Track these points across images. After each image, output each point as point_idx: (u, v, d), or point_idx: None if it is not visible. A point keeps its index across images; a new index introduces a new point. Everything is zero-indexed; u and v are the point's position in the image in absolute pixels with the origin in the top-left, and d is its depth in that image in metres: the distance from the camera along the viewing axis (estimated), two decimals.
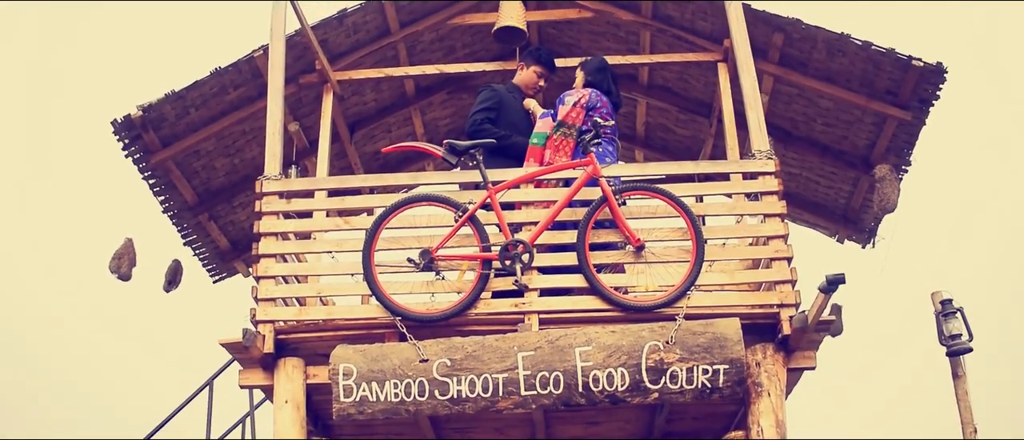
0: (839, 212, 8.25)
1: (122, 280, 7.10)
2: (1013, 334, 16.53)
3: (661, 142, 8.76)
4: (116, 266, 7.07)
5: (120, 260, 7.07)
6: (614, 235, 5.61)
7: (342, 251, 5.73)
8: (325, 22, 7.06)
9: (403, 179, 5.91)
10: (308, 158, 7.99)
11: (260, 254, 5.65)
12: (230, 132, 7.45)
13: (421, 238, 5.56)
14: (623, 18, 7.39)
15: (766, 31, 6.96)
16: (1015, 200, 20.09)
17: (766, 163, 5.76)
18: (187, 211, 7.76)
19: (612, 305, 5.43)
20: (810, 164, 7.96)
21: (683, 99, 8.09)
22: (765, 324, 5.48)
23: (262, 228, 5.70)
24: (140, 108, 6.90)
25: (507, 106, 6.26)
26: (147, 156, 7.18)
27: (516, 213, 5.67)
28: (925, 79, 6.73)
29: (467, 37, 7.96)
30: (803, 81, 7.16)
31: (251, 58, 6.97)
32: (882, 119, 7.14)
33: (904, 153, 7.27)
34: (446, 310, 5.41)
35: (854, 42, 6.72)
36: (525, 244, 5.44)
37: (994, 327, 13.43)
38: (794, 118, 7.65)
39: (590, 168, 5.58)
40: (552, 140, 5.98)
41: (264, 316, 5.52)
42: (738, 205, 5.83)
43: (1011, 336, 16.22)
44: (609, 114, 6.05)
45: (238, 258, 8.46)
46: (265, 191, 5.80)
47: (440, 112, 8.59)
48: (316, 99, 7.52)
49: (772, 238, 5.61)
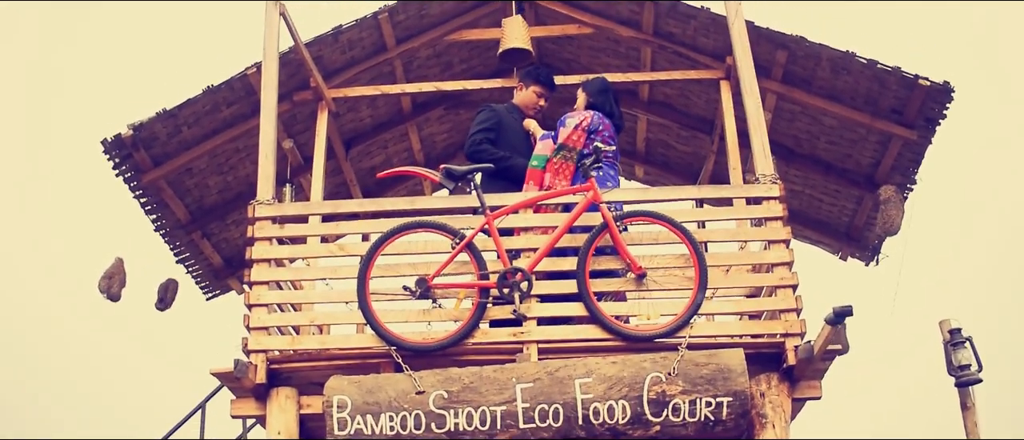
0: (842, 230, 8.12)
1: (111, 300, 6.97)
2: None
3: (662, 158, 8.63)
4: (106, 286, 6.93)
5: (110, 279, 6.94)
6: (615, 262, 5.47)
7: (337, 278, 5.59)
8: (320, 39, 6.92)
9: (399, 204, 5.76)
10: (303, 175, 7.86)
11: (252, 281, 5.51)
12: (223, 150, 7.31)
13: (417, 265, 5.43)
14: (624, 35, 7.26)
15: (769, 48, 6.83)
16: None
17: (771, 188, 5.63)
18: (179, 229, 7.63)
19: (613, 335, 5.30)
20: (813, 182, 7.83)
21: (684, 115, 7.96)
22: (770, 353, 5.35)
23: (254, 254, 5.57)
24: (131, 127, 6.76)
25: (506, 127, 6.12)
26: (138, 175, 7.04)
27: (515, 239, 5.53)
28: (931, 98, 6.61)
29: (465, 53, 7.83)
30: (807, 99, 7.03)
31: (244, 75, 6.83)
32: (887, 138, 7.02)
33: (909, 172, 7.15)
34: (443, 340, 5.27)
35: (859, 60, 6.59)
36: (524, 272, 5.31)
37: (1003, 351, 13.31)
38: (797, 136, 7.52)
39: (591, 194, 5.44)
40: (552, 163, 5.84)
41: (256, 345, 5.38)
42: (742, 231, 5.70)
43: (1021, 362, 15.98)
44: (611, 137, 5.92)
45: (232, 275, 8.33)
46: (257, 216, 5.66)
47: (437, 127, 8.45)
48: (311, 116, 7.38)
49: (777, 265, 5.47)
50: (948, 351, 5.45)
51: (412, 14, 7.13)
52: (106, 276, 6.89)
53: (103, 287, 6.89)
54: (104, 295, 6.92)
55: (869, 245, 8.04)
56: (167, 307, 7.44)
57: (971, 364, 5.35)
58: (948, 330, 5.45)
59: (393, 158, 8.51)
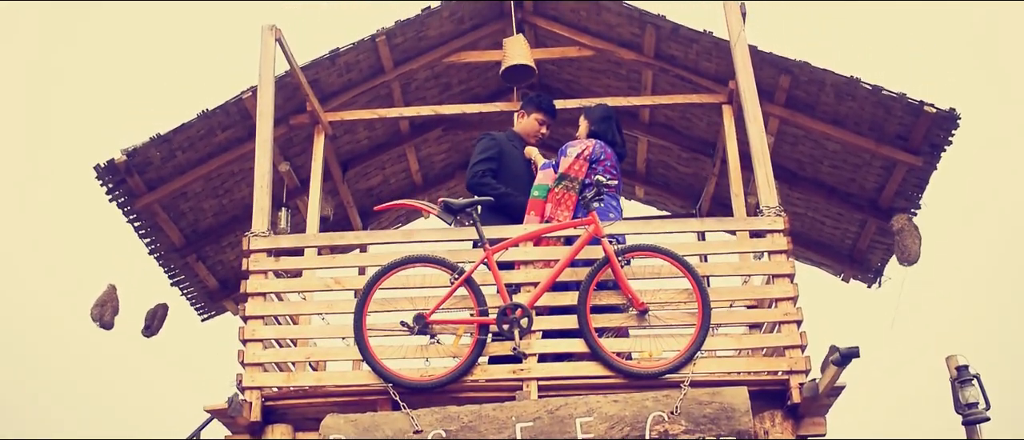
0: (845, 252, 8.03)
1: (104, 328, 6.87)
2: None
3: (662, 179, 8.54)
4: (98, 313, 6.83)
5: (103, 308, 6.83)
6: (617, 297, 5.37)
7: (333, 313, 5.49)
8: (317, 62, 6.81)
9: (396, 236, 5.66)
10: (299, 197, 7.76)
11: (247, 316, 5.40)
12: (219, 173, 7.21)
13: (415, 300, 5.33)
14: (625, 57, 7.16)
15: (772, 73, 6.74)
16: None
17: (775, 220, 5.53)
18: (174, 252, 7.52)
19: (614, 372, 5.20)
20: (816, 204, 7.74)
21: (685, 138, 7.87)
22: (774, 391, 5.26)
23: (249, 288, 5.46)
24: (124, 152, 6.66)
25: (507, 156, 6.00)
26: (132, 199, 6.94)
27: (515, 273, 5.43)
28: (937, 124, 6.52)
29: (463, 74, 7.73)
30: (810, 124, 6.94)
31: (240, 100, 6.73)
32: (891, 163, 6.92)
33: (914, 197, 7.06)
34: (441, 377, 5.17)
35: (864, 86, 6.50)
36: (524, 308, 5.21)
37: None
38: (800, 159, 7.43)
39: (592, 228, 5.34)
40: (553, 193, 5.73)
41: (251, 382, 5.28)
42: (745, 265, 5.60)
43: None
44: (613, 166, 5.81)
45: (227, 297, 8.23)
46: (252, 249, 5.55)
47: (435, 148, 8.35)
48: (307, 139, 7.29)
49: (781, 300, 5.38)
50: (955, 389, 5.36)
51: (410, 37, 7.03)
52: (98, 304, 6.78)
53: (95, 315, 6.78)
54: (97, 323, 6.81)
55: (872, 267, 7.95)
56: (154, 333, 7.33)
57: (979, 402, 5.25)
58: (955, 367, 5.36)
59: (391, 179, 8.41)
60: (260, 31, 6.22)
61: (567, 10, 7.16)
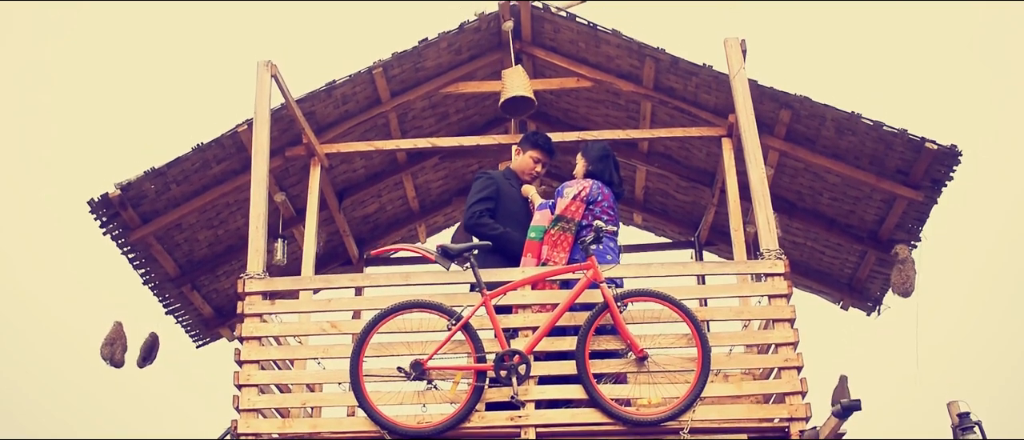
0: (844, 281, 7.99)
1: (115, 367, 6.82)
2: None
3: (661, 207, 8.48)
4: (108, 353, 6.78)
5: (112, 346, 6.78)
6: (616, 342, 5.32)
7: (329, 358, 5.43)
8: (313, 95, 6.75)
9: (393, 280, 5.60)
10: (296, 227, 7.71)
11: (242, 360, 5.35)
12: (214, 205, 7.15)
13: (412, 345, 5.27)
14: (624, 88, 7.10)
15: (773, 107, 6.69)
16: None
17: (775, 264, 5.48)
18: (169, 282, 7.46)
19: (613, 419, 5.14)
20: (815, 235, 7.69)
21: (684, 167, 7.81)
22: (774, 438, 5.20)
23: (244, 332, 5.40)
24: (118, 186, 6.60)
25: (504, 195, 5.92)
26: (126, 232, 6.88)
27: (513, 318, 5.38)
28: (938, 160, 6.47)
29: (461, 103, 7.67)
30: (810, 157, 6.89)
31: (235, 133, 6.67)
32: (892, 197, 6.88)
33: (914, 229, 7.02)
34: (438, 425, 5.11)
35: (865, 122, 6.45)
36: (521, 354, 5.16)
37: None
38: (800, 191, 7.38)
39: (590, 273, 5.29)
40: (550, 235, 5.66)
41: (246, 428, 5.23)
42: (745, 310, 5.55)
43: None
44: (611, 207, 5.75)
45: (222, 325, 8.17)
46: (247, 291, 5.49)
47: (432, 176, 8.29)
48: (303, 169, 7.23)
49: (781, 345, 5.32)
50: (956, 434, 5.31)
51: (407, 68, 6.96)
52: (107, 343, 6.73)
53: (106, 355, 6.74)
54: (107, 362, 6.76)
55: (872, 296, 7.91)
56: (149, 363, 7.26)
57: None
58: (957, 414, 5.31)
59: (388, 206, 8.35)
60: (256, 67, 6.17)
61: (565, 41, 7.10)
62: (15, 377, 20.71)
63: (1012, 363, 18.69)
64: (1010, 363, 18.74)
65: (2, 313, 21.24)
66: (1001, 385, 18.10)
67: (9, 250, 22.41)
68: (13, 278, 21.93)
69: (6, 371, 20.55)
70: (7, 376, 20.46)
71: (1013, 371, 18.54)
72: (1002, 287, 19.77)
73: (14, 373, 20.73)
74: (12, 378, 20.59)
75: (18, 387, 20.68)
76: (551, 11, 6.90)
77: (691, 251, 8.47)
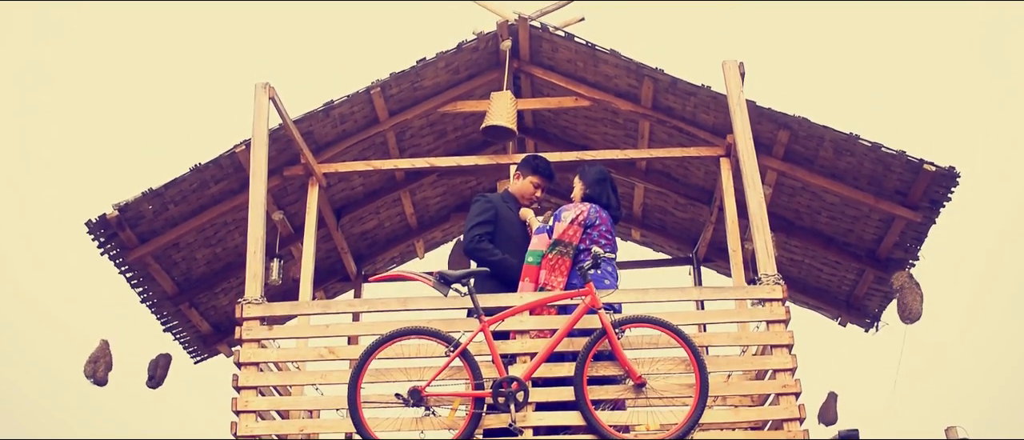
0: (842, 298, 7.99)
1: (98, 385, 6.80)
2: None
3: (659, 223, 8.48)
4: (91, 370, 6.77)
5: (95, 364, 6.77)
6: (614, 368, 5.31)
7: (327, 384, 5.42)
8: (310, 115, 6.74)
9: (391, 305, 5.59)
10: (293, 244, 7.70)
11: (240, 386, 5.34)
12: (211, 224, 7.14)
13: (410, 371, 5.26)
14: (622, 108, 7.10)
15: (771, 128, 6.69)
16: None
17: (773, 289, 5.47)
18: (166, 300, 7.46)
19: None
20: (813, 252, 7.69)
21: (683, 185, 7.81)
22: None
23: (242, 358, 5.39)
24: (116, 207, 6.59)
25: (503, 218, 5.90)
26: (124, 253, 6.87)
27: (511, 343, 5.37)
28: (937, 182, 6.48)
29: (459, 121, 7.66)
30: (808, 177, 6.89)
31: (232, 153, 6.67)
32: (890, 217, 6.88)
33: (912, 248, 7.02)
34: None
35: (863, 143, 6.46)
36: (519, 381, 5.15)
37: None
38: (798, 210, 7.38)
39: (588, 299, 5.28)
40: (547, 259, 5.64)
41: None
42: (743, 336, 5.54)
43: None
44: (608, 230, 5.73)
45: (220, 341, 8.17)
46: (245, 317, 5.48)
47: (430, 192, 8.29)
48: (301, 187, 7.22)
49: (779, 371, 5.32)
50: None
51: (405, 87, 6.96)
52: (91, 360, 6.72)
53: (89, 372, 6.72)
54: (90, 380, 6.74)
55: (870, 313, 7.92)
56: (159, 384, 7.26)
57: None
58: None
59: (386, 223, 8.35)
60: (254, 90, 6.15)
61: (563, 60, 7.10)
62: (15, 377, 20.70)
63: (1007, 378, 18.73)
64: (1005, 378, 18.78)
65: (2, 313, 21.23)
66: (995, 401, 18.15)
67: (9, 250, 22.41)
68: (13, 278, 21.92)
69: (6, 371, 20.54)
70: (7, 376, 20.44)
71: (1007, 386, 18.59)
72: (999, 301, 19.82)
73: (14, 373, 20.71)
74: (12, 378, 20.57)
75: (18, 387, 20.66)
76: (549, 30, 6.90)
77: (689, 267, 8.47)
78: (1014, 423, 17.13)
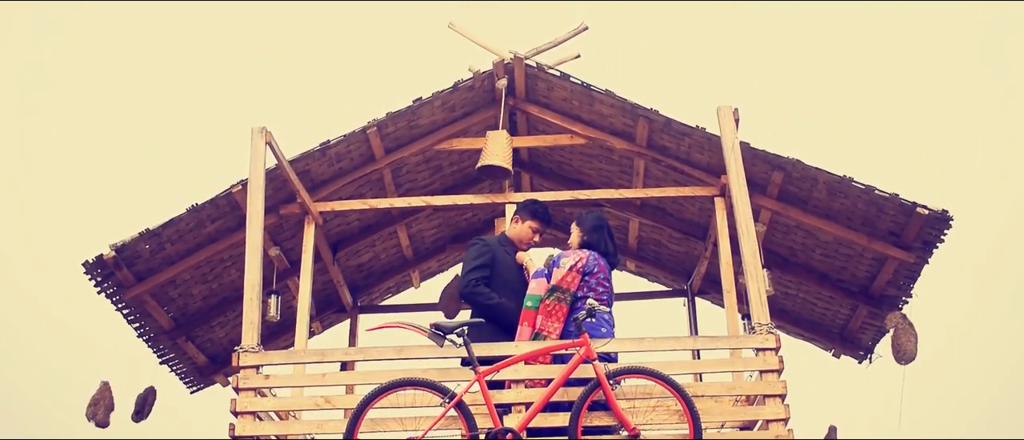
0: (836, 331, 8.04)
1: (100, 427, 6.82)
2: None
3: (654, 255, 8.52)
4: (92, 413, 6.78)
5: (96, 407, 6.79)
6: (609, 418, 5.34)
7: (323, 435, 5.45)
8: (307, 154, 6.77)
9: (388, 354, 5.61)
10: (290, 278, 7.72)
11: (237, 436, 5.36)
12: (208, 261, 7.17)
13: (405, 421, 5.29)
14: (617, 146, 7.13)
15: (765, 169, 6.73)
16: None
17: (767, 338, 5.51)
18: (163, 334, 7.49)
19: None
20: (807, 288, 7.74)
21: (678, 220, 7.85)
22: None
23: (239, 407, 5.42)
24: (113, 248, 6.62)
25: (500, 262, 5.92)
26: (121, 291, 6.90)
27: (506, 393, 5.40)
28: (929, 224, 6.52)
29: (455, 156, 7.68)
30: (802, 217, 6.94)
31: (229, 193, 6.69)
32: (883, 257, 6.92)
33: (905, 286, 7.06)
34: None
35: (856, 185, 6.50)
36: (514, 432, 5.18)
37: None
38: (792, 247, 7.42)
39: (583, 350, 5.31)
40: (545, 304, 5.67)
41: None
42: (737, 385, 5.58)
43: None
44: (606, 278, 5.76)
45: (217, 372, 8.19)
46: (242, 365, 5.51)
47: (426, 224, 8.31)
48: (297, 224, 7.24)
49: (772, 422, 5.36)
50: None
51: (401, 126, 6.99)
52: (91, 403, 6.74)
53: (90, 415, 6.74)
54: (91, 422, 6.76)
55: (863, 346, 7.96)
56: (144, 418, 7.27)
57: None
58: None
59: (382, 255, 8.38)
60: (250, 133, 6.18)
61: (559, 99, 7.13)
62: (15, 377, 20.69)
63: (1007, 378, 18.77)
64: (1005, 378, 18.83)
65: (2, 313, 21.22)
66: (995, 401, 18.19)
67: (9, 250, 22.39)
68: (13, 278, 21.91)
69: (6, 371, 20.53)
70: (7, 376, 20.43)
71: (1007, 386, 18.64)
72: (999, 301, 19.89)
73: (14, 373, 20.71)
74: (12, 378, 20.56)
75: (18, 387, 20.66)
76: (544, 70, 6.93)
77: (684, 299, 8.51)
78: (1014, 423, 17.25)
